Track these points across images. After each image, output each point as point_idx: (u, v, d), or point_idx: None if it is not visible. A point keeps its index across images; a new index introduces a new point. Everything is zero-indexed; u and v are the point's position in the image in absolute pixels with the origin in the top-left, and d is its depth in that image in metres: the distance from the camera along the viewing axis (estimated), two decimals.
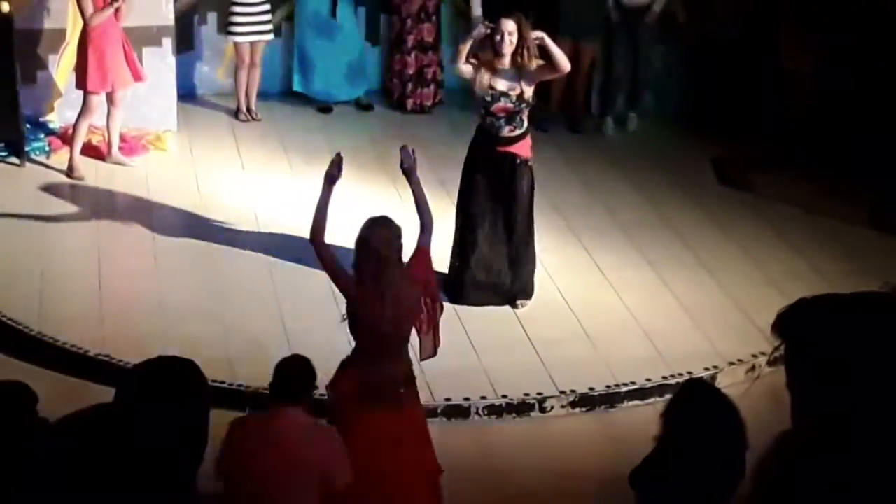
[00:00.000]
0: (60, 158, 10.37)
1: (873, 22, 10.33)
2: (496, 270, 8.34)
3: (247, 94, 11.53)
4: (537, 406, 7.48)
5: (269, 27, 11.47)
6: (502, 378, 7.60)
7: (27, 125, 10.51)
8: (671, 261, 9.12)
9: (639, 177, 10.56)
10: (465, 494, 6.51)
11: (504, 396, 7.48)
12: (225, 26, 11.49)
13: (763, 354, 7.57)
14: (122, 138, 10.55)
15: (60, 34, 10.68)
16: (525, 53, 7.97)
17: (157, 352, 3.96)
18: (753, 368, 7.78)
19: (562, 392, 7.54)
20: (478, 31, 8.15)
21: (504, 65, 8.04)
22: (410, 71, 11.90)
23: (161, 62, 10.97)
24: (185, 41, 11.72)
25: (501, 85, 8.04)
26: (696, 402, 4.70)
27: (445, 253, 8.30)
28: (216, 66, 12.05)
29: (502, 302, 8.39)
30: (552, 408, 7.50)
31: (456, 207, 8.47)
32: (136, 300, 8.49)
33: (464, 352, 7.76)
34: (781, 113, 10.89)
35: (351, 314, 5.91)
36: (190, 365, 3.78)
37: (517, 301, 8.40)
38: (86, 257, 8.90)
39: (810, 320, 2.90)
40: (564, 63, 8.02)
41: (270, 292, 8.48)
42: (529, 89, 8.06)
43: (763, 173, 10.45)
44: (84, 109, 10.13)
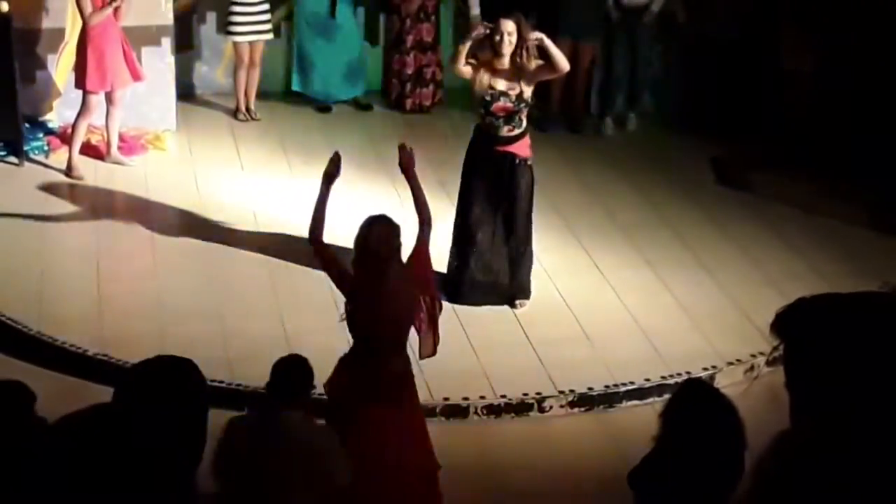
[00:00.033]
0: (59, 158, 10.37)
1: (873, 22, 10.32)
2: (495, 270, 8.33)
3: (246, 94, 11.53)
4: (536, 406, 7.48)
5: (269, 27, 11.47)
6: (501, 378, 7.60)
7: (26, 125, 10.51)
8: (670, 261, 9.12)
9: (638, 177, 10.55)
10: (464, 494, 6.51)
11: (503, 396, 7.47)
12: (224, 26, 11.49)
13: (762, 354, 7.56)
14: (121, 138, 10.54)
15: (59, 33, 10.68)
16: (524, 54, 7.98)
17: (156, 351, 3.94)
18: (752, 368, 7.78)
19: (560, 392, 7.54)
20: (477, 32, 8.16)
21: (503, 65, 8.05)
22: (409, 71, 11.89)
23: (160, 62, 10.97)
24: (185, 41, 11.72)
25: (501, 84, 8.05)
26: (695, 402, 4.70)
27: (444, 253, 8.29)
28: (215, 66, 12.04)
29: (501, 302, 8.39)
30: (551, 408, 7.50)
31: (455, 207, 8.47)
32: (135, 300, 8.48)
33: (462, 352, 7.76)
34: (781, 113, 10.88)
35: (349, 312, 5.91)
36: (188, 364, 3.77)
37: (516, 301, 8.40)
38: (85, 257, 8.90)
39: (809, 320, 2.90)
40: (563, 63, 8.03)
41: (269, 292, 8.49)
42: (528, 89, 8.07)
43: (762, 173, 10.44)
44: (83, 109, 10.13)
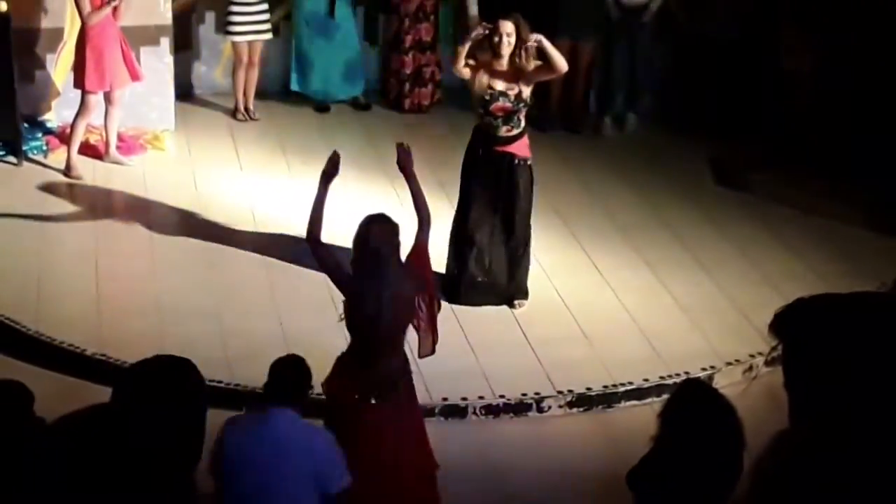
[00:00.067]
0: (58, 158, 10.36)
1: (873, 22, 10.32)
2: (494, 271, 8.33)
3: (245, 94, 11.53)
4: (535, 406, 7.47)
5: (268, 27, 11.47)
6: (500, 378, 7.60)
7: (25, 124, 10.50)
8: (669, 261, 9.12)
9: (637, 177, 10.55)
10: (463, 494, 6.50)
11: (501, 396, 7.47)
12: (223, 26, 11.48)
13: (760, 354, 7.56)
14: (120, 138, 10.54)
15: (58, 33, 10.68)
16: (523, 54, 7.99)
17: (155, 351, 3.95)
18: (751, 368, 7.78)
19: (559, 392, 7.53)
20: (476, 33, 8.16)
21: (502, 65, 8.06)
22: (408, 70, 11.89)
23: (159, 61, 10.96)
24: (183, 40, 11.71)
25: (499, 85, 8.05)
26: (694, 403, 4.70)
27: (443, 253, 8.29)
28: (214, 66, 12.04)
29: (500, 302, 8.39)
30: (550, 408, 7.49)
31: (454, 207, 8.47)
32: (134, 299, 8.48)
33: (461, 352, 7.75)
34: (781, 113, 10.88)
35: (348, 311, 5.91)
36: (187, 364, 3.77)
37: (515, 301, 8.40)
38: (83, 257, 8.89)
39: (808, 320, 2.89)
40: (562, 64, 8.03)
41: (268, 291, 8.48)
42: (527, 89, 8.07)
43: (761, 174, 10.44)
44: (82, 109, 10.12)
